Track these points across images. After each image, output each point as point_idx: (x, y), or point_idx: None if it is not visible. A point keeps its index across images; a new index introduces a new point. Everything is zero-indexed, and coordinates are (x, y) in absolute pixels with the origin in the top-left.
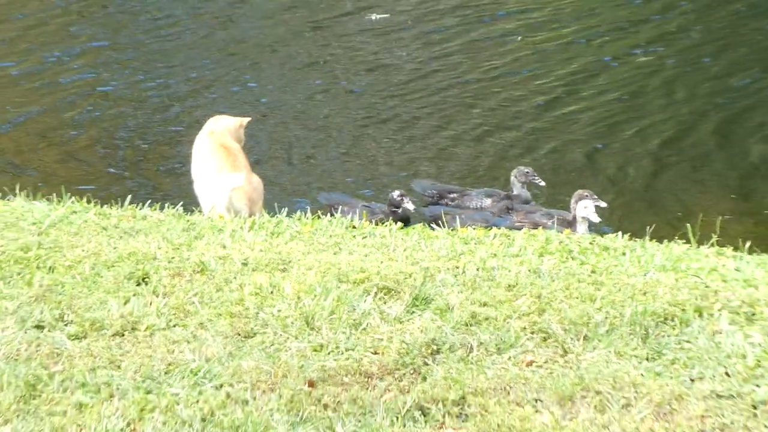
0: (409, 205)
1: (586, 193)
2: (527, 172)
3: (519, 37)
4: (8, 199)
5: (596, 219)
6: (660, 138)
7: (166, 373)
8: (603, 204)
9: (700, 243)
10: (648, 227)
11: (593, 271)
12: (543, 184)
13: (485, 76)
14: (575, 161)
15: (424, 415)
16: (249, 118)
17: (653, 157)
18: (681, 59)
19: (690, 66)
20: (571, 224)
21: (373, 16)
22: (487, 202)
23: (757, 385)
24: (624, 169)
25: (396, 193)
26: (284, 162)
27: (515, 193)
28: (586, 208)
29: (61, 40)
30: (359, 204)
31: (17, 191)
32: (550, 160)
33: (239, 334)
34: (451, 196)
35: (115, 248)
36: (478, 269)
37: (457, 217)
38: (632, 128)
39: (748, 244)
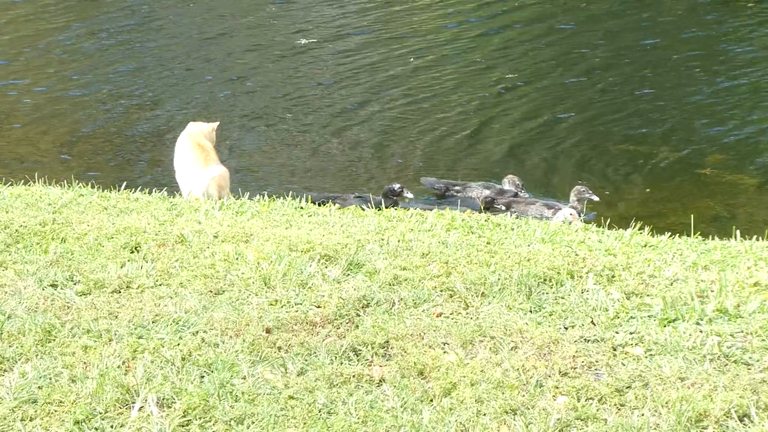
0: (408, 194)
1: (582, 188)
2: (583, 190)
3: (411, 58)
4: (29, 185)
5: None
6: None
7: (153, 322)
8: (595, 198)
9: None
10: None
11: (488, 243)
12: (596, 199)
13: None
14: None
15: (357, 355)
16: (218, 122)
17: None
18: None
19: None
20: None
21: (303, 41)
22: (486, 192)
23: (617, 332)
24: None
25: (396, 185)
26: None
27: (506, 188)
28: (571, 215)
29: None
30: (351, 196)
31: (36, 179)
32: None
33: (211, 292)
34: (456, 188)
35: (113, 224)
36: (398, 241)
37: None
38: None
39: (608, 221)
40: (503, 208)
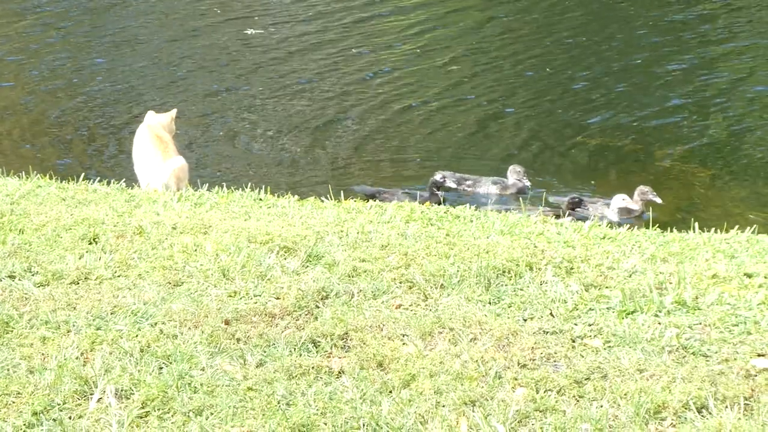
0: (451, 184)
1: (645, 188)
2: (647, 191)
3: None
4: None
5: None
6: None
7: (112, 313)
8: (658, 200)
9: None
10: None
11: (447, 235)
12: (660, 201)
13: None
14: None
15: (316, 347)
16: (175, 110)
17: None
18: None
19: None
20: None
21: (249, 31)
22: (494, 188)
23: (575, 324)
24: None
25: (438, 175)
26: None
27: (511, 182)
28: (623, 200)
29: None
30: (399, 191)
31: None
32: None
33: (170, 283)
34: (468, 182)
35: (71, 215)
36: (358, 233)
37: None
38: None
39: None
40: (589, 209)
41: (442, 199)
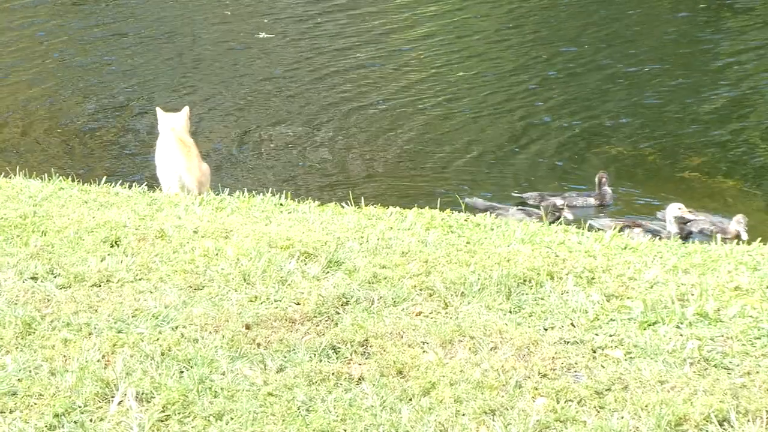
0: (568, 215)
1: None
2: (743, 222)
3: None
4: (9, 178)
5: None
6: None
7: (133, 316)
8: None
9: None
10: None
11: (468, 242)
12: (746, 238)
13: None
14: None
15: (336, 353)
16: (187, 107)
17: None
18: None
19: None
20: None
21: (261, 34)
22: (590, 200)
23: (596, 334)
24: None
25: (558, 201)
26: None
27: (605, 192)
28: (679, 209)
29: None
30: (512, 208)
31: (17, 171)
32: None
33: (191, 287)
34: (560, 203)
35: (93, 217)
36: (378, 239)
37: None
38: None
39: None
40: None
41: (558, 218)
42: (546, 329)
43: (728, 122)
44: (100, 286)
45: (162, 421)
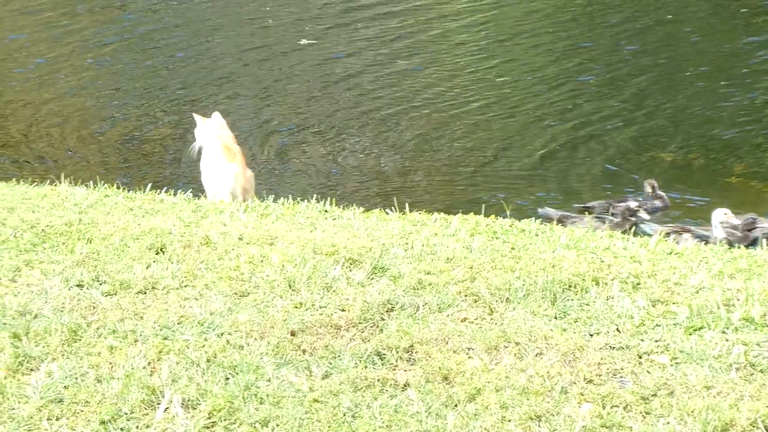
0: (643, 215)
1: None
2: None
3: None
4: (55, 185)
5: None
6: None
7: (178, 323)
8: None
9: None
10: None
11: (513, 248)
12: None
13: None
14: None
15: (381, 359)
16: (217, 113)
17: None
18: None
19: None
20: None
21: (303, 41)
22: (657, 203)
23: (642, 339)
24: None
25: (633, 204)
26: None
27: (662, 195)
28: (725, 214)
29: (92, 35)
30: (586, 217)
31: (62, 179)
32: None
33: (236, 294)
34: (634, 205)
35: (139, 225)
36: (423, 245)
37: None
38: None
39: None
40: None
41: (634, 226)
42: (591, 335)
43: None
44: (145, 293)
45: (208, 427)
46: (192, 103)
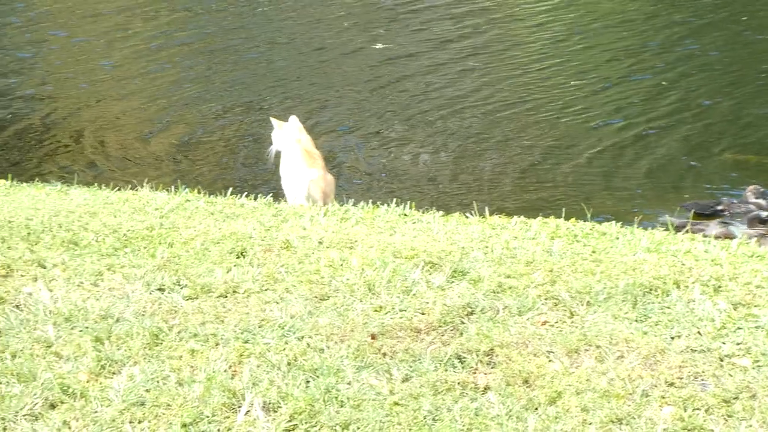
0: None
1: None
2: None
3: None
4: (136, 190)
5: None
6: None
7: (259, 327)
8: None
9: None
10: (636, 218)
11: (593, 252)
12: None
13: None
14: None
15: (461, 363)
16: (294, 117)
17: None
18: None
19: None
20: None
21: (378, 45)
22: (762, 201)
23: (723, 342)
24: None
25: (764, 214)
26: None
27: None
28: None
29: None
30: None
31: (143, 184)
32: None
33: (316, 297)
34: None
35: (219, 229)
36: (503, 249)
37: None
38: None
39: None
40: None
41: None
42: (672, 338)
43: None
44: (226, 296)
45: (289, 430)
46: (268, 107)
